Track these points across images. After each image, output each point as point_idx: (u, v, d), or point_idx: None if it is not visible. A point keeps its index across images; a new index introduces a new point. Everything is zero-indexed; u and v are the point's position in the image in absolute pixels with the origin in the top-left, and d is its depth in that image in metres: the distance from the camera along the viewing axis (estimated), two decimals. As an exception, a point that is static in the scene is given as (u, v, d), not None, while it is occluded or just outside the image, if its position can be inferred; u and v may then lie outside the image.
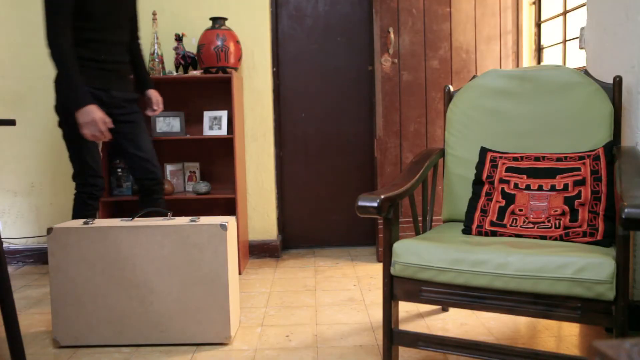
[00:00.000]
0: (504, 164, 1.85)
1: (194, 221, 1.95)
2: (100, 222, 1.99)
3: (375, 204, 1.48)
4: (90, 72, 2.21)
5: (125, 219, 2.04)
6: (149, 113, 2.53)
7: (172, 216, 2.07)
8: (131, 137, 2.36)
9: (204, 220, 1.97)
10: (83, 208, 2.34)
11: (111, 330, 1.96)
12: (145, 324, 1.95)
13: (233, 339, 2.01)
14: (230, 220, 1.97)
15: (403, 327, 2.07)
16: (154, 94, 2.52)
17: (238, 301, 2.11)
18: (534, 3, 3.14)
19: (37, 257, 3.24)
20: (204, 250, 1.91)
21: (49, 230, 1.94)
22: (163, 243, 1.92)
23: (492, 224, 1.75)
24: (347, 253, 3.32)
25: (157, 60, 2.96)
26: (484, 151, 1.94)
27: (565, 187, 1.69)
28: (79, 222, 2.01)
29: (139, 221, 1.99)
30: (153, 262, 1.93)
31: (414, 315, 2.22)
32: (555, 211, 1.67)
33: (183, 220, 1.99)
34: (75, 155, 2.30)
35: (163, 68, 2.98)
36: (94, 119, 2.08)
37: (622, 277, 1.31)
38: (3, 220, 3.26)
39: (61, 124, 2.26)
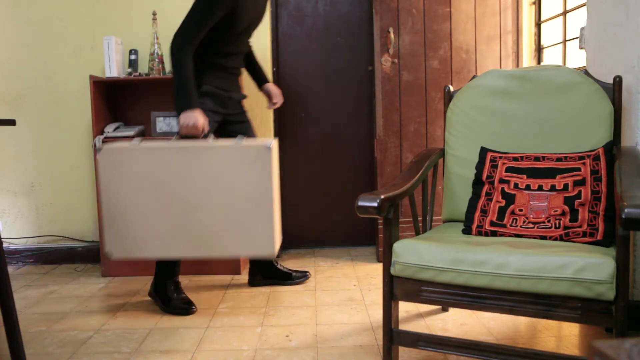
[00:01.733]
0: (504, 164, 1.85)
1: (239, 142, 1.98)
2: (147, 144, 2.02)
3: (375, 204, 1.48)
4: (218, 76, 2.36)
5: (172, 140, 2.10)
6: (270, 107, 2.64)
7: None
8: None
9: (249, 141, 2.01)
10: None
11: (160, 244, 2.01)
12: (193, 238, 2.00)
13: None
14: (273, 142, 2.01)
15: (403, 327, 2.07)
16: (272, 88, 2.63)
17: (279, 219, 2.15)
18: (534, 3, 3.14)
19: (37, 257, 3.24)
20: (250, 169, 1.95)
21: (99, 149, 2.00)
22: (211, 163, 1.97)
23: (492, 224, 1.75)
24: (347, 253, 3.32)
25: (157, 60, 2.96)
26: (484, 151, 1.94)
27: (565, 187, 1.69)
28: (127, 143, 2.04)
29: (186, 142, 2.01)
30: (201, 181, 1.97)
31: (414, 315, 2.22)
32: (555, 211, 1.67)
33: (229, 142, 2.01)
34: None
35: (163, 68, 2.98)
36: (196, 123, 2.16)
37: (622, 277, 1.31)
38: (3, 220, 3.26)
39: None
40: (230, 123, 2.49)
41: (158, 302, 2.39)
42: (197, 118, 2.15)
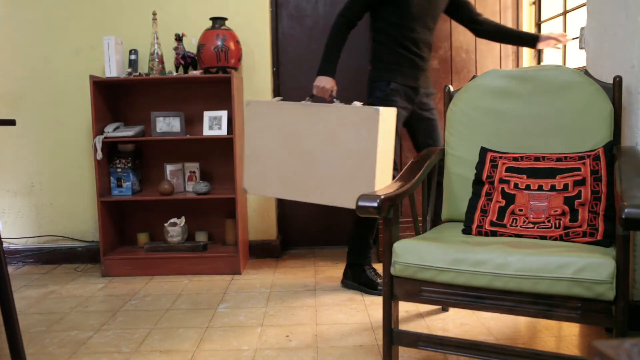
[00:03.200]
0: (504, 164, 1.85)
1: (356, 104, 2.25)
2: (285, 102, 2.38)
3: (375, 204, 1.48)
4: (405, 73, 2.50)
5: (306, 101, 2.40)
6: (554, 46, 2.59)
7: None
8: (427, 133, 2.60)
9: (360, 104, 2.25)
10: None
11: (282, 186, 2.34)
12: (308, 185, 2.28)
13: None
14: (386, 109, 2.19)
15: (403, 327, 2.07)
16: (549, 34, 2.58)
17: (385, 178, 2.28)
18: (534, 3, 3.14)
19: (37, 257, 3.24)
20: (360, 129, 2.16)
21: (247, 103, 2.43)
22: (327, 119, 2.24)
23: (492, 224, 1.75)
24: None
25: (157, 60, 2.96)
26: (484, 151, 1.94)
27: (565, 187, 1.69)
28: (269, 99, 2.39)
29: (313, 103, 2.33)
30: (319, 134, 2.26)
31: (414, 315, 2.22)
32: (555, 211, 1.67)
33: (345, 105, 2.30)
34: None
35: (163, 68, 2.98)
36: (325, 86, 2.45)
37: (622, 277, 1.31)
38: (3, 220, 3.26)
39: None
40: (417, 119, 2.59)
41: (362, 289, 2.56)
42: (327, 82, 2.45)
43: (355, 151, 2.17)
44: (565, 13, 2.79)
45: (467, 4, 2.63)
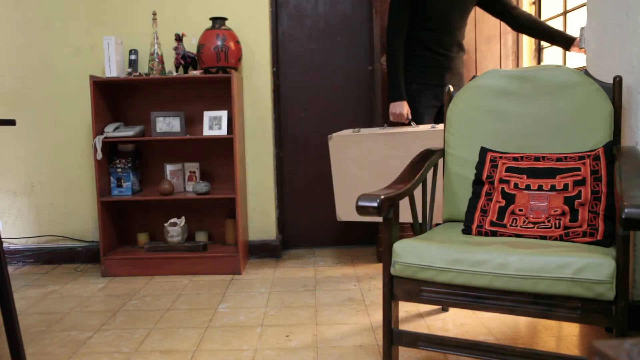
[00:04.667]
0: (504, 163, 1.85)
1: (434, 127, 2.40)
2: (365, 131, 2.54)
3: (375, 204, 1.48)
4: (428, 73, 2.58)
5: (381, 128, 2.59)
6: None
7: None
8: None
9: (441, 126, 2.36)
10: None
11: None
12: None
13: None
14: None
15: (403, 327, 2.07)
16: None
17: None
18: (534, 3, 3.14)
19: (37, 257, 3.24)
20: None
21: (330, 137, 2.59)
22: (409, 144, 2.40)
23: (492, 224, 1.75)
24: (347, 253, 3.32)
25: (157, 60, 2.96)
26: (484, 151, 1.94)
27: (565, 187, 1.69)
28: (349, 131, 2.59)
29: (391, 129, 2.51)
30: (402, 158, 2.43)
31: (414, 315, 2.22)
32: (555, 211, 1.67)
33: (426, 127, 2.45)
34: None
35: (163, 68, 2.98)
36: (401, 112, 2.53)
37: (622, 277, 1.31)
38: (3, 220, 3.26)
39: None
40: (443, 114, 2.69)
41: None
42: (402, 107, 2.52)
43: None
44: (565, 13, 2.79)
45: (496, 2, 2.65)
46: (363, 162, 2.51)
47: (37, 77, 3.20)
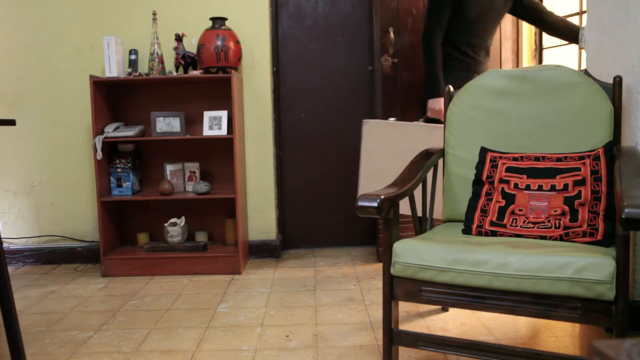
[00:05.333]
0: (504, 164, 1.85)
1: None
2: (400, 122, 2.56)
3: (375, 204, 1.48)
4: (458, 77, 2.60)
5: (418, 121, 2.63)
6: None
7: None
8: None
9: None
10: None
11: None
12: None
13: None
14: None
15: (403, 327, 2.07)
16: None
17: None
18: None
19: (37, 257, 3.24)
20: None
21: (365, 122, 2.57)
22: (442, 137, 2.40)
23: (492, 224, 1.75)
24: (347, 253, 3.32)
25: (157, 60, 2.96)
26: (484, 151, 1.94)
27: (565, 187, 1.69)
28: (383, 120, 2.62)
29: (426, 124, 2.52)
30: None
31: (414, 315, 2.22)
32: (555, 211, 1.67)
33: None
34: None
35: (163, 68, 2.98)
36: (440, 109, 2.54)
37: (622, 277, 1.31)
38: (3, 220, 3.26)
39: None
40: None
41: None
42: (441, 103, 2.51)
43: None
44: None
45: (534, 5, 2.64)
46: (395, 151, 2.51)
47: (37, 77, 3.20)
